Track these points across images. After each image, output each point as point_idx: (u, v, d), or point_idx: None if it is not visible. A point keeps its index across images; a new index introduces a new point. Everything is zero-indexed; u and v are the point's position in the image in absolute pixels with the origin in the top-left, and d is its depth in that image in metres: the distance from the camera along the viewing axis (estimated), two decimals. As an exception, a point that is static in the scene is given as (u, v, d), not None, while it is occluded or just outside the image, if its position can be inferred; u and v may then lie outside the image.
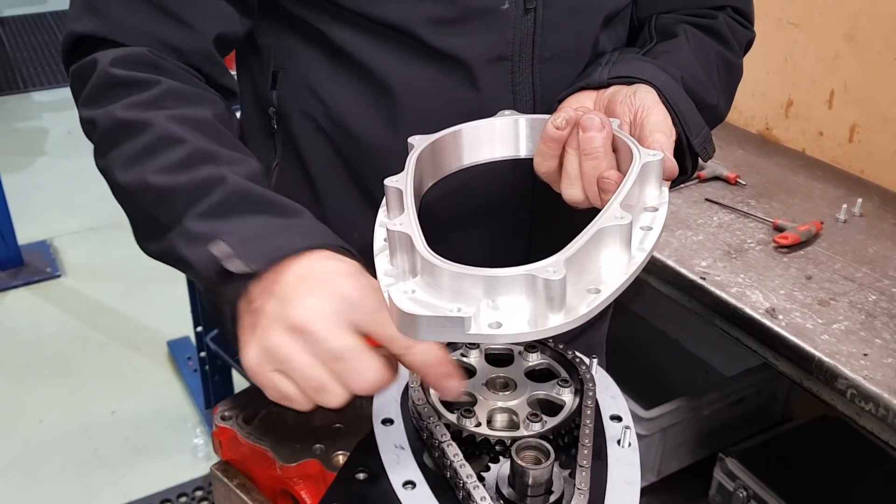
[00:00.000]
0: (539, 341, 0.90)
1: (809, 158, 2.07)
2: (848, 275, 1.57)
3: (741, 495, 1.83)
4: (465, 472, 0.74)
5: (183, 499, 2.50)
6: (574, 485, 0.73)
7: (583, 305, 0.63)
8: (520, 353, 0.90)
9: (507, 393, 0.84)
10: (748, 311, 1.47)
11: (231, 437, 0.85)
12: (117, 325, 3.28)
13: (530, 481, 0.72)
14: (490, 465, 0.77)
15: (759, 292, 1.51)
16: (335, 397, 0.70)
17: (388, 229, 0.68)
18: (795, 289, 1.53)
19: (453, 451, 0.76)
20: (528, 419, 0.79)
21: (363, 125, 0.98)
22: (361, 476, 0.79)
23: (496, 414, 0.82)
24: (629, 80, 0.90)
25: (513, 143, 0.89)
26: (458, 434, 0.78)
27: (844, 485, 1.83)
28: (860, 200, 1.80)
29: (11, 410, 2.86)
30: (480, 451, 0.78)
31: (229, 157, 0.81)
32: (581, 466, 0.74)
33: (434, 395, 0.83)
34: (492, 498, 0.72)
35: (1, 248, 3.54)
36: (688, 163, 0.92)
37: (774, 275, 1.57)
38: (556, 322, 0.61)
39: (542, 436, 0.78)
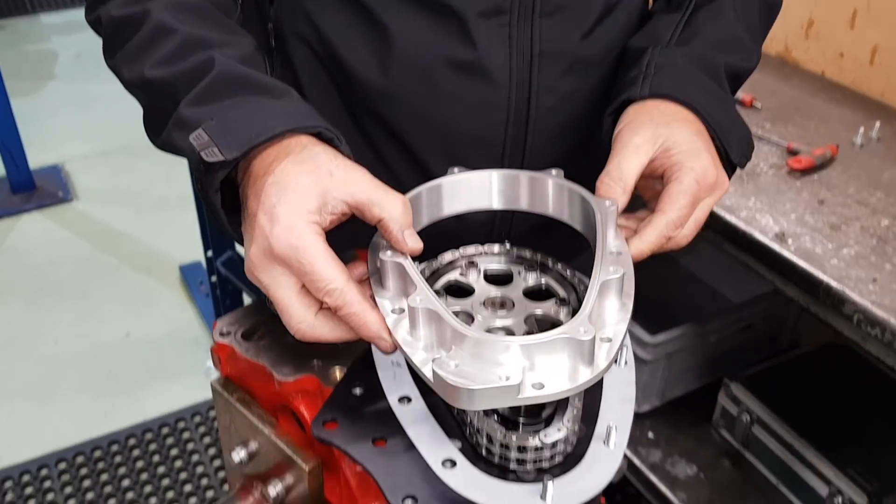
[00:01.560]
0: (540, 260, 0.89)
1: (828, 81, 2.02)
2: (861, 199, 1.54)
3: (745, 420, 1.85)
4: (460, 387, 0.74)
5: (197, 418, 2.55)
6: (567, 401, 0.73)
7: (602, 356, 0.68)
8: (519, 273, 0.89)
9: (505, 312, 0.83)
10: (757, 235, 1.45)
11: (230, 353, 0.85)
12: (129, 250, 3.30)
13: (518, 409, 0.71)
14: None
15: (770, 217, 1.49)
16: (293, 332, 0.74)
17: (409, 306, 0.70)
18: (807, 213, 1.50)
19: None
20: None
21: (356, 60, 0.96)
22: (358, 391, 0.79)
23: (493, 332, 0.81)
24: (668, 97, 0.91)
25: (487, 197, 0.91)
26: (453, 351, 0.78)
27: (849, 411, 1.83)
28: (878, 124, 1.76)
29: (27, 331, 2.91)
30: (476, 368, 0.78)
31: (221, 40, 0.82)
32: (575, 381, 0.74)
33: (431, 313, 0.83)
34: (485, 413, 0.72)
35: (13, 173, 3.55)
36: (728, 172, 0.93)
37: (786, 199, 1.54)
38: (588, 376, 0.67)
39: (538, 354, 0.78)
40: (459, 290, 0.88)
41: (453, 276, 0.88)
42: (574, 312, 0.83)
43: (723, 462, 1.87)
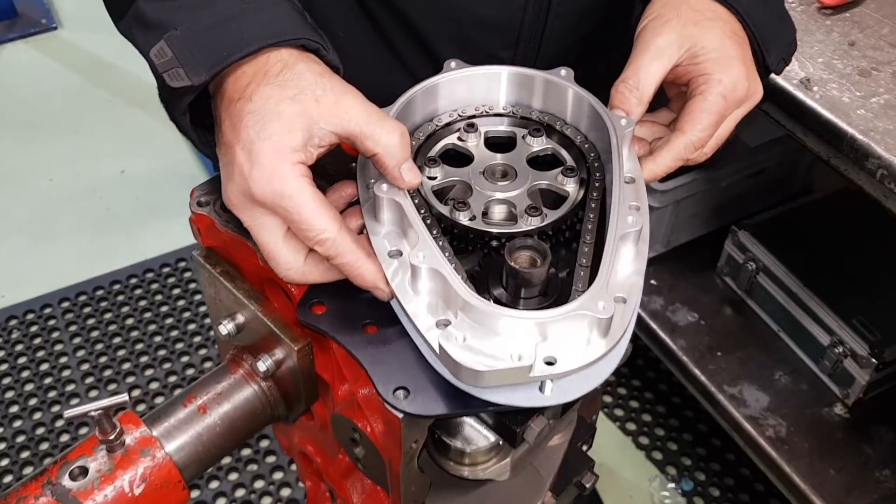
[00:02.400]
0: (546, 122, 0.81)
1: None
2: None
3: (750, 268, 1.82)
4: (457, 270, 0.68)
5: (197, 258, 2.54)
6: (571, 287, 0.68)
7: (617, 321, 0.63)
8: (523, 137, 0.81)
9: (506, 182, 0.76)
10: (780, 81, 1.35)
11: (209, 224, 0.79)
12: (120, 82, 3.18)
13: (522, 287, 0.66)
14: (481, 262, 0.72)
15: (795, 60, 1.38)
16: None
17: (412, 264, 0.64)
18: (835, 57, 1.39)
19: (443, 247, 0.70)
20: (527, 213, 0.73)
21: None
22: (347, 270, 0.73)
23: (493, 206, 0.75)
24: None
25: (493, 96, 0.82)
26: (450, 228, 0.72)
27: (858, 262, 1.80)
28: (921, -46, 1.60)
29: (21, 168, 2.85)
30: (474, 246, 0.72)
31: None
32: (580, 266, 0.69)
33: (426, 186, 0.76)
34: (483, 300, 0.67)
35: (-9, -3, 3.36)
36: (762, 76, 0.83)
37: (814, 40, 1.43)
38: (603, 348, 0.62)
39: (541, 231, 0.72)
40: (457, 157, 0.81)
41: (451, 140, 0.81)
42: (582, 183, 0.77)
43: (724, 310, 1.86)
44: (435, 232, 0.71)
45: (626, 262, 0.67)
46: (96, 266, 2.51)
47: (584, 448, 0.90)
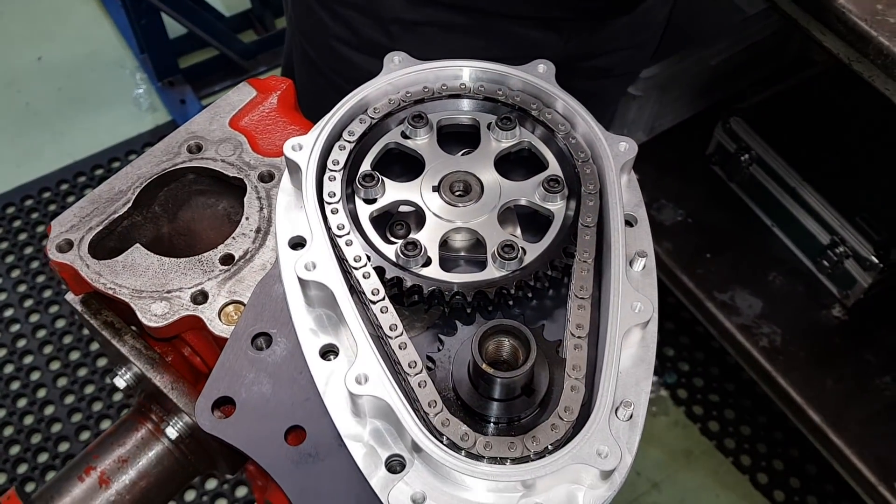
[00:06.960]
0: (518, 104, 0.61)
1: None
2: None
3: (742, 159, 1.63)
4: (407, 358, 0.50)
5: (132, 156, 2.30)
6: (565, 373, 0.50)
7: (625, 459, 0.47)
8: (488, 126, 0.61)
9: (470, 204, 0.57)
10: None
11: (73, 275, 0.59)
12: (24, -51, 2.78)
13: (498, 389, 0.48)
14: (442, 336, 0.53)
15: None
16: None
17: (349, 391, 0.49)
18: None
19: (389, 322, 0.51)
20: (500, 255, 0.54)
21: None
22: (262, 342, 0.55)
23: (453, 234, 0.56)
24: None
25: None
26: (397, 281, 0.53)
27: (863, 150, 1.62)
28: None
29: (-77, 60, 2.53)
30: (430, 303, 0.54)
31: None
32: (573, 337, 0.51)
33: (362, 213, 0.56)
34: (445, 397, 0.49)
35: None
36: None
37: None
38: (604, 496, 0.48)
39: (519, 281, 0.53)
40: (401, 159, 0.60)
41: (392, 137, 0.60)
42: (570, 196, 0.57)
43: (714, 205, 1.69)
44: (376, 293, 0.52)
45: (628, 351, 0.51)
46: (21, 172, 2.26)
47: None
